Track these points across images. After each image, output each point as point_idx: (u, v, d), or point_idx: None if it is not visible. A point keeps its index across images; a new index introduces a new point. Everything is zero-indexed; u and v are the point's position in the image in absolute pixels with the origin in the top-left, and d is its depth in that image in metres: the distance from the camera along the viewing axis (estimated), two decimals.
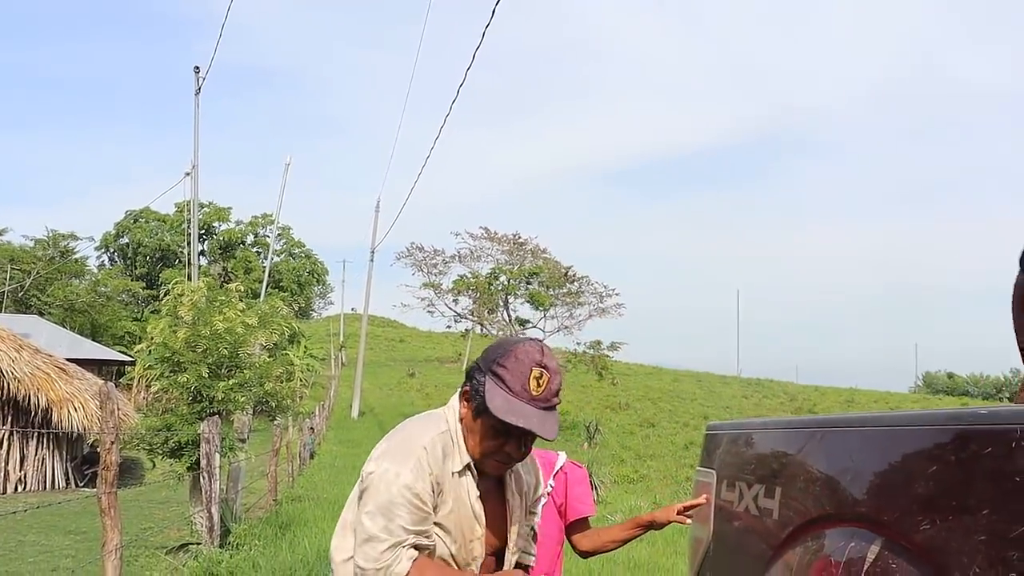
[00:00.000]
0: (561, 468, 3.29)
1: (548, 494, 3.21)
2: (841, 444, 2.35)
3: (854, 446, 2.29)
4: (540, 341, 2.41)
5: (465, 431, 2.41)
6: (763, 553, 2.52)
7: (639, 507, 17.48)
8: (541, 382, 2.29)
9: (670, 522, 3.14)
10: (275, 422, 16.35)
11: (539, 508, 2.68)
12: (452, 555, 2.36)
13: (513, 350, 2.34)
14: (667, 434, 40.95)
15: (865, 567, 1.97)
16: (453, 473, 2.37)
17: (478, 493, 2.40)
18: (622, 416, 46.48)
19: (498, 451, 2.36)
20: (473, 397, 2.37)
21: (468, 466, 2.39)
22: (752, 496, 2.67)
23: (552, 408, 2.31)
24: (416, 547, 2.31)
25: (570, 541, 3.28)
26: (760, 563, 2.53)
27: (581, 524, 3.27)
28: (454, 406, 2.47)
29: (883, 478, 2.10)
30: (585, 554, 3.28)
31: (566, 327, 41.68)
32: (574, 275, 41.14)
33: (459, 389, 2.47)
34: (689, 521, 3.05)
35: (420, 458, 2.33)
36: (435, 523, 2.35)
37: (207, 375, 10.98)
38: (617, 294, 41.86)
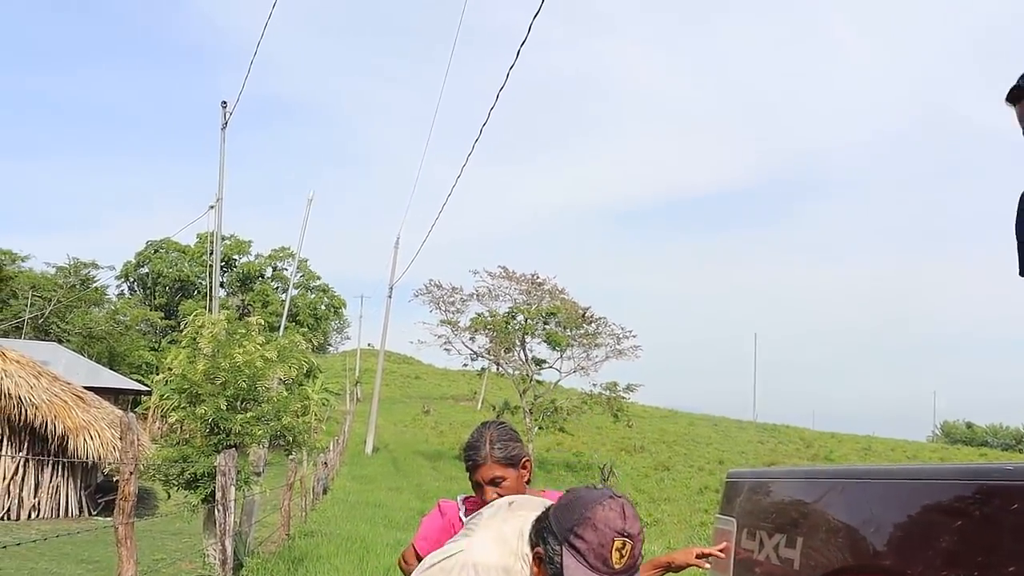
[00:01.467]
0: None
1: None
2: (864, 495, 2.35)
3: (877, 498, 2.28)
4: (621, 499, 2.17)
5: None
6: None
7: (653, 551, 17.34)
8: (624, 552, 2.09)
9: (688, 565, 3.11)
10: (290, 456, 16.34)
11: None
12: None
13: (592, 518, 2.12)
14: (682, 478, 40.65)
15: None
16: None
17: None
18: (637, 459, 46.21)
19: None
20: (547, 566, 2.18)
21: None
22: (773, 545, 2.67)
23: (632, 572, 2.12)
24: None
25: None
26: None
27: None
28: (522, 552, 2.31)
29: (906, 531, 2.10)
30: None
31: (582, 368, 41.56)
32: (592, 316, 41.11)
33: (528, 536, 2.31)
34: (708, 566, 3.02)
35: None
36: None
37: (225, 407, 11.01)
38: (634, 335, 41.79)
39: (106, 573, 11.09)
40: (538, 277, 41.62)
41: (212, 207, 22.92)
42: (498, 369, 44.75)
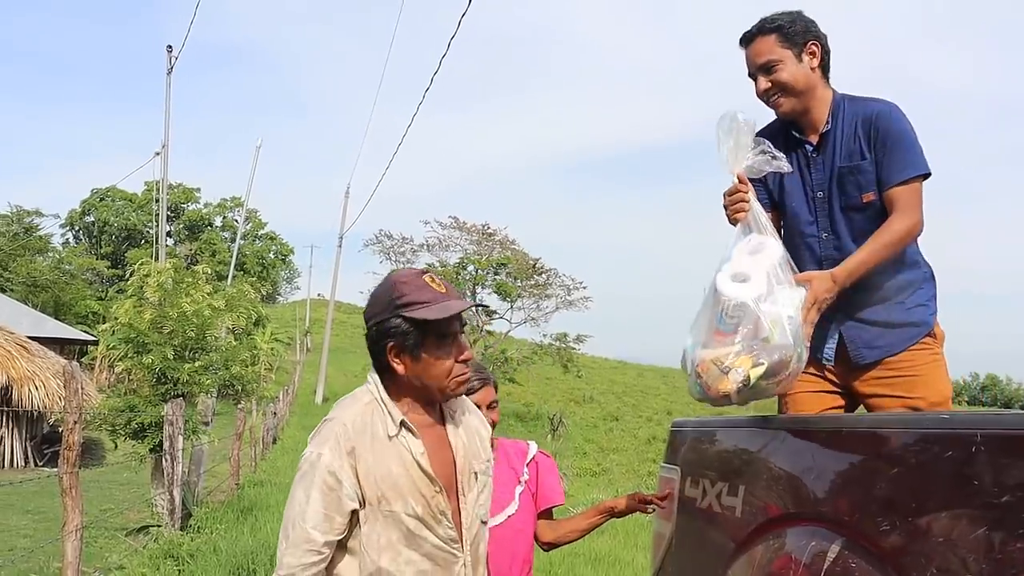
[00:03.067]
0: (533, 457, 3.28)
1: (524, 482, 3.21)
2: (804, 445, 2.39)
3: (816, 447, 2.33)
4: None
5: (404, 391, 2.40)
6: (725, 550, 2.56)
7: (601, 500, 17.55)
8: (438, 281, 2.34)
9: (632, 511, 3.16)
10: (239, 406, 16.27)
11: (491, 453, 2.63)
12: (419, 516, 2.32)
13: (391, 284, 2.37)
14: (630, 428, 41.10)
15: (825, 566, 2.01)
16: (390, 438, 2.34)
17: (422, 450, 2.37)
18: (586, 409, 46.63)
19: (455, 365, 2.36)
20: (404, 343, 2.34)
21: (403, 424, 2.36)
22: (715, 493, 2.71)
23: (462, 296, 2.36)
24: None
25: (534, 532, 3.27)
26: (722, 560, 2.56)
27: (547, 514, 3.28)
28: (374, 379, 2.45)
29: (845, 479, 2.14)
30: (548, 546, 3.27)
31: (533, 319, 41.67)
32: (542, 267, 41.14)
33: (371, 371, 2.47)
34: (651, 510, 3.07)
35: (338, 436, 2.33)
36: (388, 491, 2.31)
37: (172, 357, 10.91)
38: (584, 287, 41.91)
39: (52, 523, 11.01)
40: (489, 228, 41.52)
41: (158, 153, 22.56)
42: None
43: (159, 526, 9.90)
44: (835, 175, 3.09)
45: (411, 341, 2.33)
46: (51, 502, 13.40)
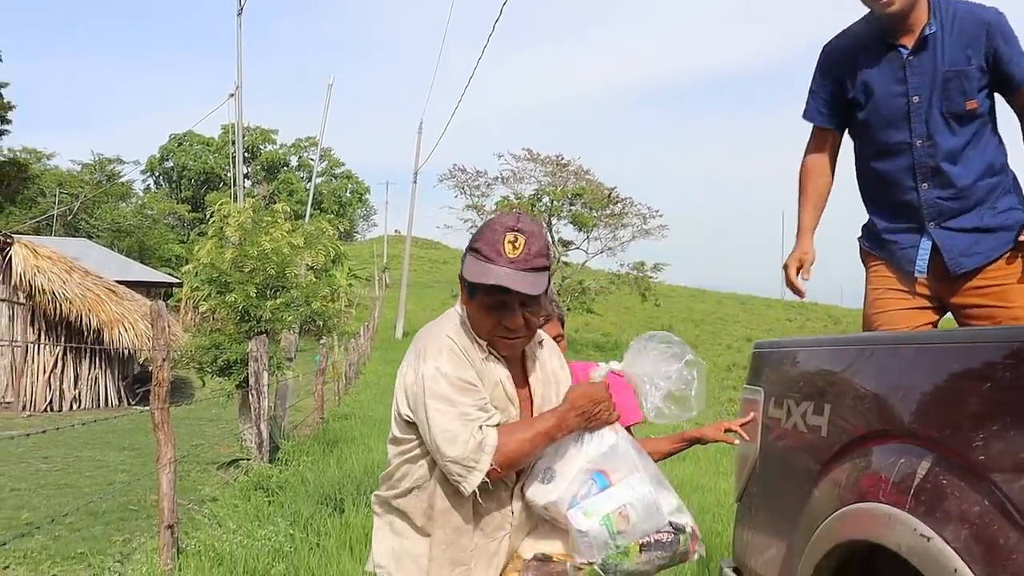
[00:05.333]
0: (604, 378, 3.25)
1: None
2: (892, 362, 2.33)
3: (906, 363, 2.27)
4: (522, 213, 2.40)
5: (472, 320, 2.41)
6: (810, 470, 2.52)
7: (680, 428, 17.57)
8: (517, 245, 2.26)
9: (717, 440, 3.14)
10: (321, 342, 16.53)
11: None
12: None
13: (488, 223, 2.36)
14: (710, 356, 40.89)
15: (915, 483, 1.97)
16: (482, 360, 2.37)
17: (508, 374, 2.41)
18: None
19: (498, 327, 2.34)
20: (463, 282, 2.38)
21: (489, 349, 2.40)
22: (800, 413, 2.67)
23: (536, 270, 2.28)
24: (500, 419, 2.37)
25: None
26: (808, 480, 2.53)
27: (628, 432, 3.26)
28: (460, 307, 2.47)
29: (935, 395, 2.09)
30: None
31: (609, 248, 41.47)
32: (617, 197, 40.80)
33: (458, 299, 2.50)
34: (736, 441, 3.04)
35: (451, 348, 2.35)
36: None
37: (254, 295, 11.09)
38: (661, 215, 41.52)
39: (147, 458, 11.38)
40: (563, 158, 41.25)
41: (232, 95, 22.77)
42: None
43: (248, 459, 10.17)
44: (938, 80, 2.98)
45: (466, 284, 2.36)
46: (145, 439, 13.84)
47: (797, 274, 3.50)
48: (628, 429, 3.27)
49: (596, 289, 40.42)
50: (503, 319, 2.32)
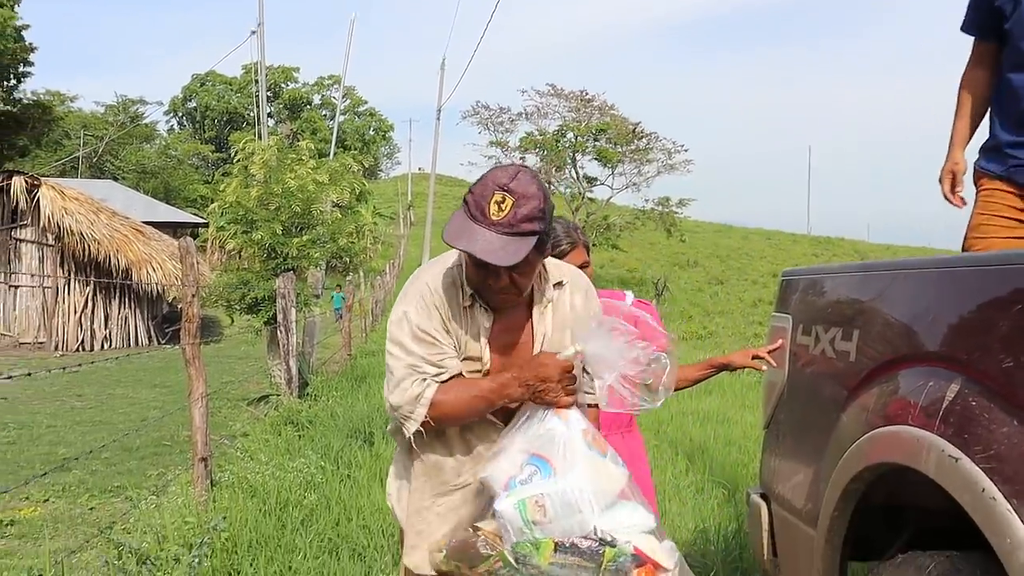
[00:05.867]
0: (630, 307, 3.26)
1: None
2: (922, 286, 2.32)
3: (935, 287, 2.25)
4: (522, 167, 2.24)
5: (465, 266, 2.35)
6: (838, 395, 2.53)
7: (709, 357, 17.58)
8: (504, 206, 2.13)
9: (745, 367, 3.14)
10: (347, 278, 16.62)
11: None
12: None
13: (486, 173, 2.23)
14: (736, 291, 40.83)
15: (944, 405, 1.97)
16: (464, 307, 2.34)
17: (488, 325, 2.36)
18: (691, 273, 46.42)
19: (482, 284, 2.28)
20: None
21: (474, 297, 2.34)
22: (829, 339, 2.66)
23: (520, 234, 2.13)
24: (449, 375, 2.33)
25: None
26: (836, 405, 2.53)
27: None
28: None
29: (965, 318, 2.08)
30: None
31: (634, 184, 41.23)
32: (642, 132, 40.45)
33: None
34: (764, 367, 3.05)
35: (423, 295, 2.33)
36: (467, 357, 2.36)
37: (280, 232, 11.14)
38: (686, 150, 41.17)
39: (178, 395, 11.55)
40: (587, 94, 40.89)
41: (254, 32, 22.68)
42: (550, 188, 44.62)
43: (278, 395, 10.29)
44: None
45: None
46: (175, 376, 14.04)
47: (952, 188, 3.49)
48: None
49: (621, 225, 40.28)
50: (488, 277, 2.24)
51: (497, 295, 2.29)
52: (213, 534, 4.54)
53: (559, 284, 2.46)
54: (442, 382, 2.31)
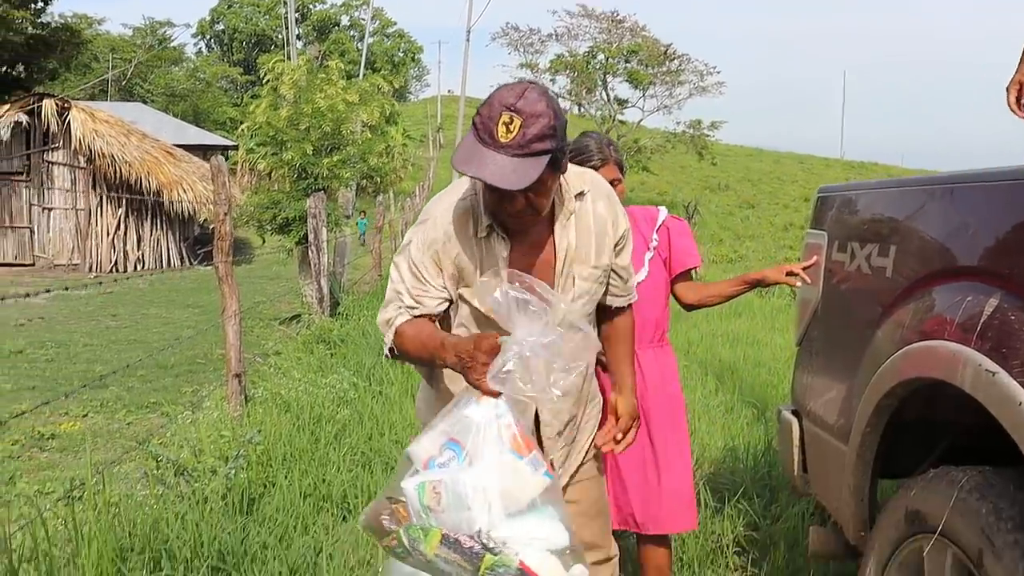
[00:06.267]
0: (663, 223, 3.24)
1: (654, 248, 3.19)
2: (963, 200, 2.29)
3: (977, 201, 2.22)
4: (530, 84, 2.14)
5: (481, 192, 2.28)
6: (874, 311, 2.52)
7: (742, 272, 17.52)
8: (512, 127, 2.03)
9: (778, 283, 3.13)
10: (377, 199, 16.62)
11: (625, 251, 2.49)
12: (486, 315, 2.29)
13: (493, 94, 2.12)
14: (767, 215, 40.46)
15: (982, 319, 1.95)
16: (480, 238, 2.29)
17: (505, 254, 2.29)
18: (721, 197, 45.97)
19: (497, 208, 2.21)
20: None
21: (491, 227, 2.28)
22: (865, 255, 2.64)
23: (532, 155, 2.04)
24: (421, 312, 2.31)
25: (674, 294, 3.26)
26: (870, 321, 2.52)
27: (686, 276, 3.26)
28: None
29: (1006, 232, 2.05)
30: (690, 307, 3.28)
31: (666, 106, 40.62)
32: (674, 53, 39.79)
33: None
34: (798, 284, 3.03)
35: (429, 228, 2.31)
36: (465, 289, 2.33)
37: (311, 152, 11.13)
38: (718, 72, 40.50)
39: (211, 315, 11.68)
40: (618, 15, 40.19)
41: None
42: (580, 110, 44.16)
43: (309, 314, 10.37)
44: None
45: None
46: (208, 297, 14.18)
47: (1017, 100, 3.43)
48: (688, 275, 3.28)
49: (652, 148, 39.84)
50: (502, 201, 2.16)
51: (514, 218, 2.22)
52: (248, 447, 4.62)
53: (580, 194, 2.38)
54: (415, 316, 2.30)
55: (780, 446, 3.25)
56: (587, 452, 2.58)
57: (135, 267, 21.46)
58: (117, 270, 21.11)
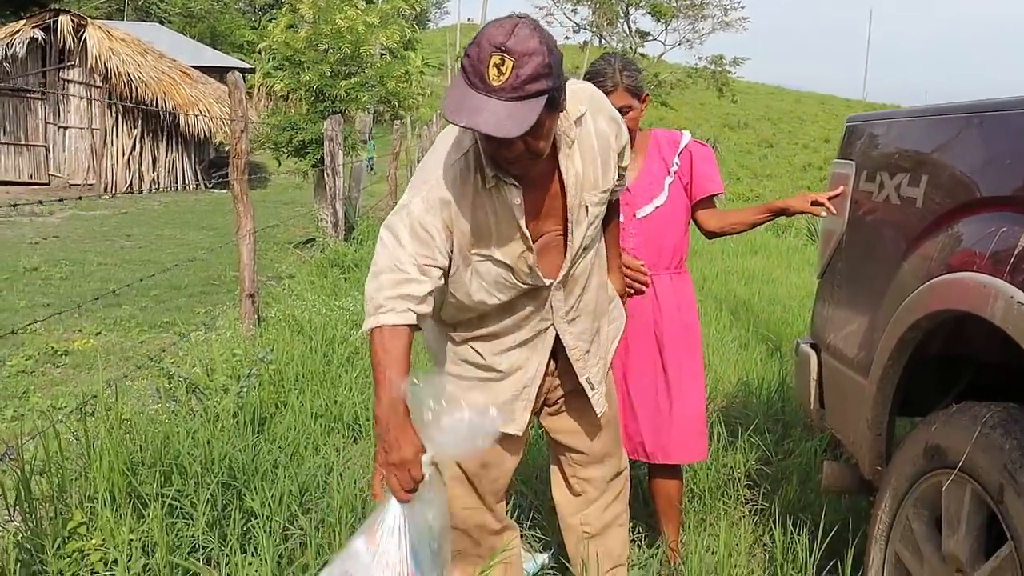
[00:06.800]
0: (686, 147, 3.15)
1: (675, 172, 3.11)
2: (999, 128, 2.21)
3: (1014, 129, 2.15)
4: (520, 19, 1.96)
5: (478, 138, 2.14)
6: (901, 243, 2.46)
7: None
8: (503, 69, 1.87)
9: (803, 211, 3.05)
10: (395, 124, 16.50)
11: (625, 150, 2.40)
12: (508, 265, 2.20)
13: (479, 34, 1.94)
14: (786, 155, 40.14)
15: (1016, 251, 1.89)
16: (488, 188, 2.14)
17: (519, 201, 2.15)
18: (740, 135, 45.59)
19: (496, 154, 2.06)
20: None
21: (497, 177, 2.13)
22: (894, 185, 2.57)
23: (528, 97, 1.89)
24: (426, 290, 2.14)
25: (696, 221, 3.18)
26: (896, 253, 2.47)
27: (708, 203, 3.18)
28: None
29: None
30: (711, 234, 3.19)
31: (688, 41, 40.18)
32: None
33: None
34: (824, 213, 2.94)
35: (433, 187, 2.15)
36: (479, 240, 2.18)
37: (329, 74, 11.02)
38: (742, 7, 40.06)
39: (225, 237, 11.67)
40: None
41: None
42: (601, 42, 43.60)
43: (324, 238, 10.35)
44: None
45: None
46: (222, 219, 14.18)
47: None
48: (711, 201, 3.21)
49: (672, 83, 39.45)
50: (500, 148, 2.02)
51: (513, 164, 2.09)
52: (260, 366, 4.62)
53: (579, 119, 2.25)
54: (415, 312, 2.11)
55: (797, 379, 3.21)
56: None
57: (150, 188, 21.42)
58: (132, 191, 21.08)
